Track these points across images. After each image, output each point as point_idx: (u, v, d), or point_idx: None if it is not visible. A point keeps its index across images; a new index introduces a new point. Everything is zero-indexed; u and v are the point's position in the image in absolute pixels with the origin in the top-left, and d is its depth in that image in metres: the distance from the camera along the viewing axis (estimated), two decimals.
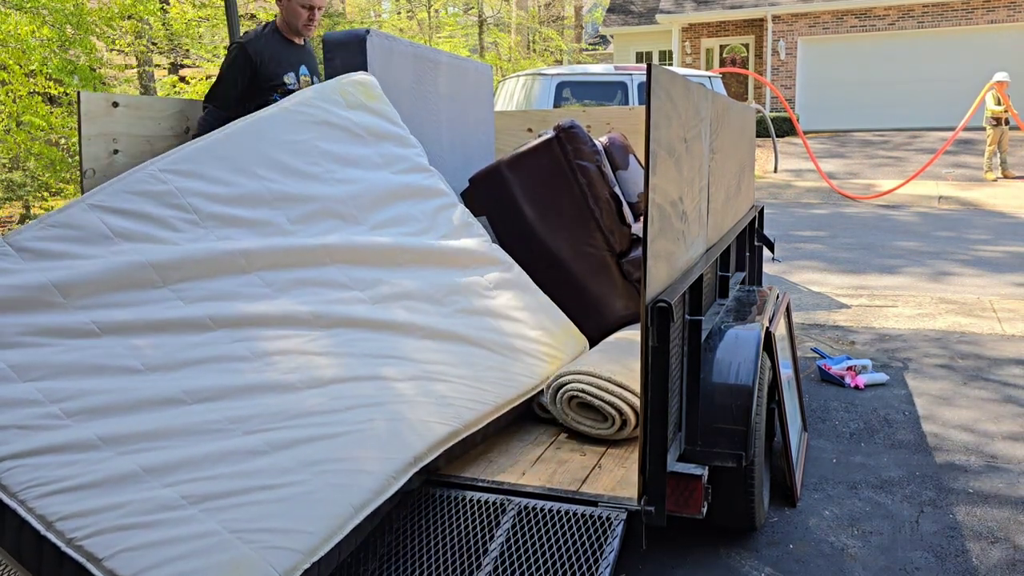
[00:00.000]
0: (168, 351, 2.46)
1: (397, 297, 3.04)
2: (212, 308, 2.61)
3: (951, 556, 2.96)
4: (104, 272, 2.49)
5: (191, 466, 2.22)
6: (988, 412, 4.35)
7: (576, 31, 28.10)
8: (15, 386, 2.21)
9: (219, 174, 2.89)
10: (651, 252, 2.25)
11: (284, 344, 2.65)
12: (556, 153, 3.74)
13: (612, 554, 2.26)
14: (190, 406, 2.37)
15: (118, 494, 2.12)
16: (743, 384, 2.78)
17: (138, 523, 2.08)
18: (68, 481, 2.09)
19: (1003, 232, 9.93)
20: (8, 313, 2.32)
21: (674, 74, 2.46)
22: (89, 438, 2.18)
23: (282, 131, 3.13)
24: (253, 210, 2.90)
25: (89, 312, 2.43)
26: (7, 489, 2.04)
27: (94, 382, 2.30)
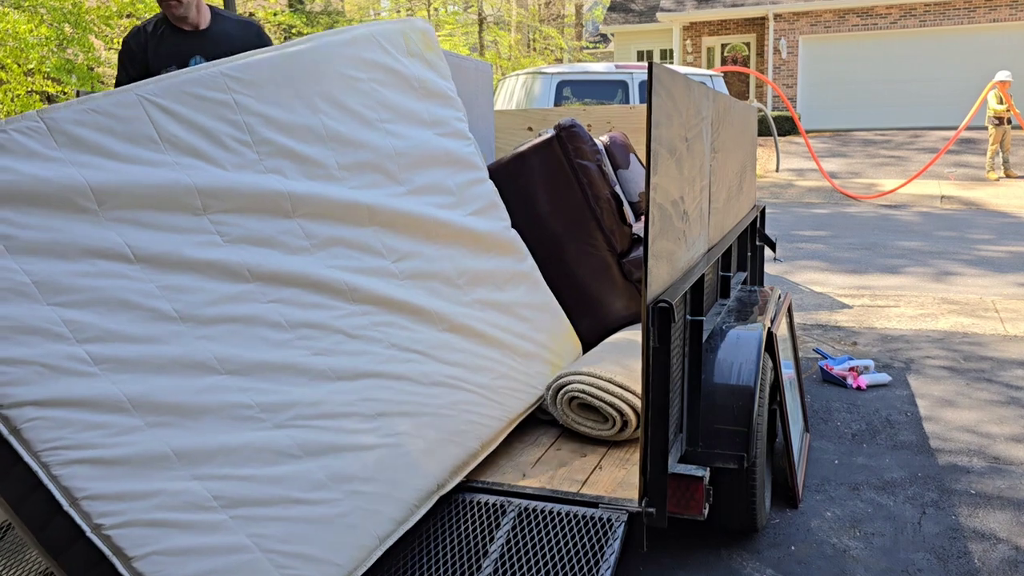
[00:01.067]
0: (202, 299, 2.23)
1: (424, 276, 2.90)
2: (250, 255, 2.39)
3: (953, 557, 2.95)
4: (145, 184, 2.19)
5: (222, 458, 2.07)
6: (991, 413, 4.33)
7: (576, 29, 28.09)
8: (38, 308, 1.93)
9: (280, 95, 2.61)
10: (652, 252, 2.24)
11: (317, 316, 2.49)
12: (556, 152, 3.73)
13: (613, 556, 2.24)
14: (222, 377, 2.19)
15: (149, 479, 1.95)
16: (745, 385, 2.76)
17: (170, 521, 1.92)
18: (97, 450, 1.90)
19: (1005, 232, 9.91)
20: (33, 209, 1.98)
21: (675, 73, 2.44)
22: (118, 397, 1.98)
23: (344, 64, 2.84)
24: (307, 145, 2.65)
25: (123, 229, 2.14)
26: (29, 446, 1.83)
27: (124, 322, 2.06)
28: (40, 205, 2.00)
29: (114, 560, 1.84)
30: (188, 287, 2.22)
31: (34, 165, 2.01)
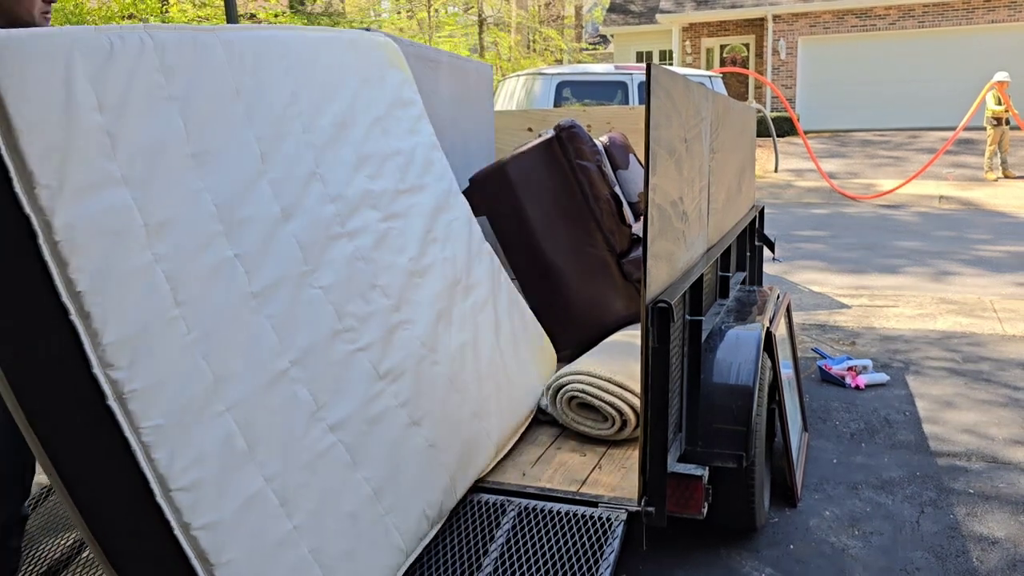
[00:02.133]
0: (269, 274, 2.14)
1: (434, 275, 2.88)
2: (301, 228, 2.31)
3: (952, 556, 2.96)
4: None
5: (283, 456, 1.97)
6: (989, 413, 4.34)
7: (576, 30, 28.10)
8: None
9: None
10: (651, 252, 2.25)
11: (361, 308, 2.44)
12: (556, 153, 3.74)
13: (612, 555, 2.26)
14: (283, 362, 2.08)
15: (228, 469, 1.83)
16: (744, 384, 2.78)
17: (244, 523, 1.82)
18: (182, 416, 1.78)
19: (1004, 232, 9.93)
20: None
21: (674, 74, 2.46)
22: (196, 359, 1.86)
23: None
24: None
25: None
26: (131, 418, 1.71)
27: (202, 254, 1.97)
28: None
29: (197, 566, 1.73)
30: (253, 253, 2.14)
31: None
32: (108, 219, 1.78)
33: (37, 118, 1.68)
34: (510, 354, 3.10)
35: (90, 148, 1.78)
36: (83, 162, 1.75)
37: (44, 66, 1.73)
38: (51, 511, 2.83)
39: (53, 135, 1.71)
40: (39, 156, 1.67)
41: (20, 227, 1.65)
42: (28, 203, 1.64)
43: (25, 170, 1.64)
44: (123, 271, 1.78)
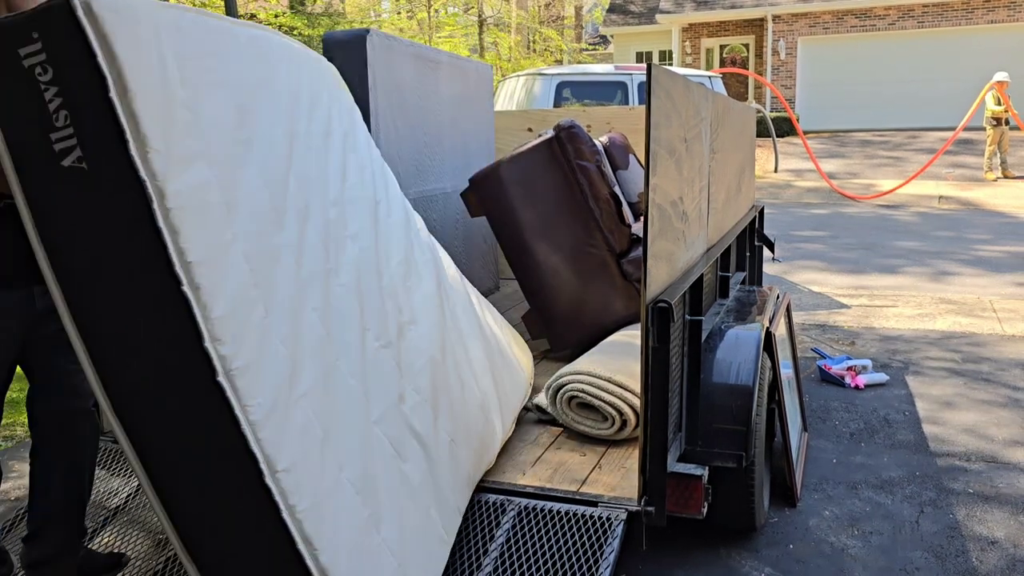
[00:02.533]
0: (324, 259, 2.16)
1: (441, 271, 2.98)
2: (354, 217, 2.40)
3: (951, 556, 2.96)
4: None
5: (347, 445, 1.94)
6: (988, 412, 4.35)
7: (576, 31, 28.10)
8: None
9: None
10: (651, 252, 2.25)
11: (383, 304, 2.46)
12: (556, 153, 3.74)
13: (612, 554, 2.26)
14: (332, 354, 2.06)
15: (312, 454, 1.80)
16: (743, 384, 2.78)
17: (333, 507, 1.79)
18: (276, 397, 1.74)
19: (1003, 232, 9.93)
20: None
21: (674, 74, 2.46)
22: (276, 343, 1.83)
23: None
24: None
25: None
26: (239, 395, 1.66)
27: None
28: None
29: (304, 552, 1.69)
30: (293, 244, 2.13)
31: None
32: (201, 192, 1.74)
33: (146, 83, 1.65)
34: (495, 349, 3.13)
35: (180, 121, 1.74)
36: (178, 133, 1.72)
37: (147, 33, 1.71)
38: None
39: (158, 102, 1.68)
40: (150, 120, 1.62)
41: (135, 191, 1.59)
42: (143, 167, 1.59)
43: (139, 133, 1.60)
44: (218, 246, 1.74)
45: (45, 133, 1.56)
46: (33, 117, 1.57)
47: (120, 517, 2.76)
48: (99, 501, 2.83)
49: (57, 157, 1.58)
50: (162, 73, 1.72)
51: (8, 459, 4.11)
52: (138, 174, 1.59)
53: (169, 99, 1.72)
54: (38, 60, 1.56)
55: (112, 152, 1.57)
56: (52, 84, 1.55)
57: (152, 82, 1.67)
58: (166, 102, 1.71)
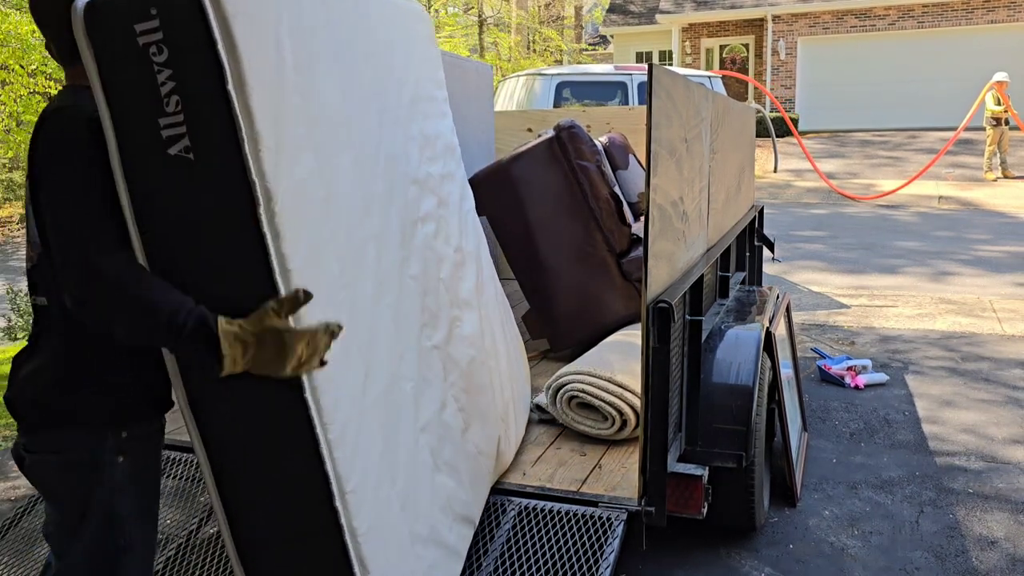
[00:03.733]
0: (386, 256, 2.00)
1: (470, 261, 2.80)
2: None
3: (951, 556, 2.96)
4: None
5: (397, 458, 1.89)
6: (988, 413, 4.35)
7: (576, 31, 28.10)
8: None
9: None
10: (652, 252, 2.25)
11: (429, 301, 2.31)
12: (556, 153, 3.74)
13: (612, 554, 2.26)
14: (396, 357, 1.97)
15: (372, 471, 1.74)
16: (743, 384, 2.78)
17: (385, 527, 1.74)
18: (350, 411, 1.67)
19: (1003, 232, 9.93)
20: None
21: (675, 74, 2.46)
22: (352, 351, 1.75)
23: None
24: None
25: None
26: (321, 412, 1.57)
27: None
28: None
29: (357, 571, 1.64)
30: (377, 235, 2.00)
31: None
32: (304, 188, 1.64)
33: (263, 75, 1.54)
34: (515, 353, 3.08)
35: (291, 109, 1.63)
36: (289, 124, 1.62)
37: (269, 15, 1.59)
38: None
39: (272, 94, 1.57)
40: (264, 115, 1.52)
41: (243, 191, 1.49)
42: (254, 166, 1.49)
43: (253, 130, 1.50)
44: (316, 247, 1.64)
45: (154, 117, 1.46)
46: (143, 98, 1.46)
47: None
48: None
49: (164, 144, 1.47)
50: (278, 60, 1.61)
51: (8, 459, 4.11)
52: (248, 174, 1.49)
53: (282, 87, 1.61)
54: (154, 39, 1.44)
55: (223, 147, 1.48)
56: (166, 67, 1.45)
57: (268, 73, 1.57)
58: (279, 91, 1.60)
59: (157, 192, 1.49)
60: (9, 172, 14.84)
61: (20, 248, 12.83)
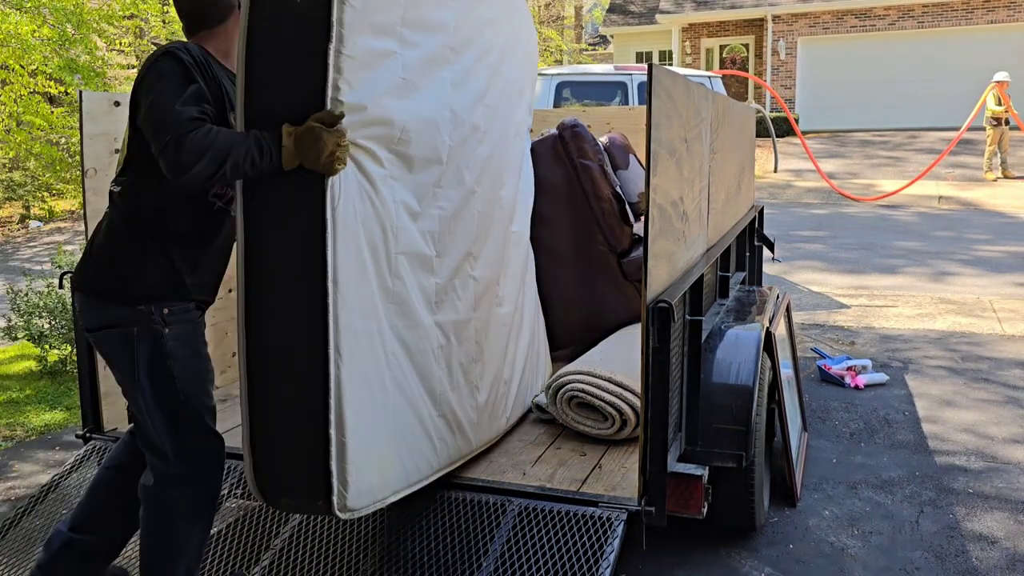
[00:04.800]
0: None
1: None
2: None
3: (951, 556, 2.96)
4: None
5: (403, 317, 2.28)
6: (988, 412, 4.35)
7: (576, 31, 28.09)
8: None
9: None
10: (652, 252, 2.25)
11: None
12: (559, 152, 3.74)
13: (612, 554, 2.26)
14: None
15: (365, 301, 2.12)
16: (743, 384, 2.78)
17: (366, 366, 2.10)
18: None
19: (1003, 232, 9.93)
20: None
21: (675, 74, 2.46)
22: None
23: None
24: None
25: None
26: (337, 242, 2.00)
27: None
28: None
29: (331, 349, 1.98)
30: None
31: None
32: (380, 60, 2.09)
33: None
34: (537, 341, 3.31)
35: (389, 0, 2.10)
36: (381, 6, 2.06)
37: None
38: (51, 512, 2.83)
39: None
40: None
41: (322, 29, 1.91)
42: (336, 12, 1.90)
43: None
44: (376, 102, 2.07)
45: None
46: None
47: None
48: None
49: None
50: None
51: (8, 459, 4.11)
52: (330, 15, 1.91)
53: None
54: None
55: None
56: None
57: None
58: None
59: (265, 20, 1.94)
60: (9, 172, 14.83)
61: (20, 248, 12.84)
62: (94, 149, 3.02)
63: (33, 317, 5.31)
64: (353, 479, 2.03)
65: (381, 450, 2.16)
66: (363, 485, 2.07)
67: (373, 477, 2.12)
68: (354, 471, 2.03)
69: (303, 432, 2.00)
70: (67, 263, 5.55)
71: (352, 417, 2.02)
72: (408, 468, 2.30)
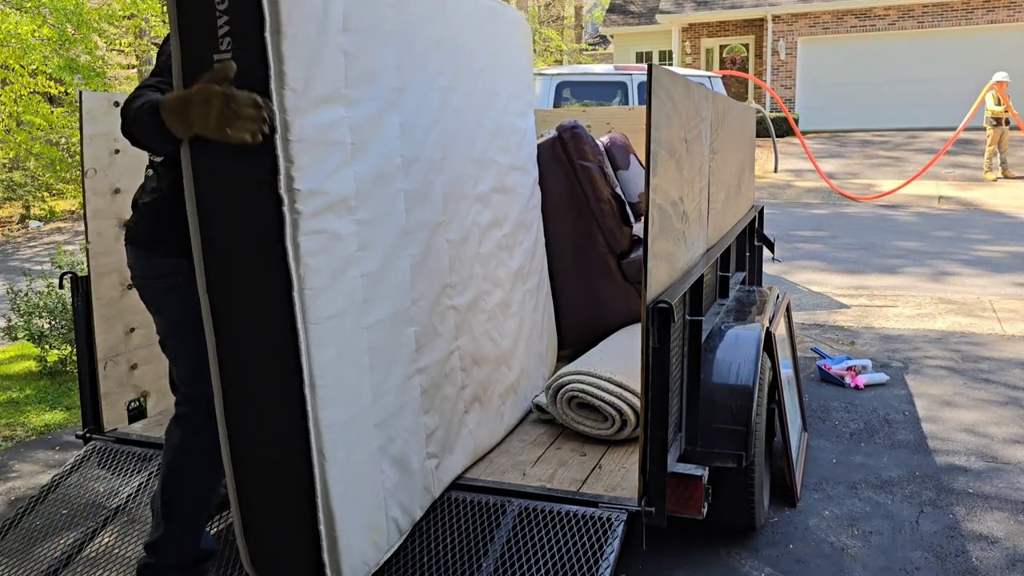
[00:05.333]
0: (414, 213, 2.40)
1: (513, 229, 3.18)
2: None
3: (951, 556, 2.96)
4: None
5: (386, 379, 2.26)
6: (988, 412, 4.35)
7: (576, 31, 28.10)
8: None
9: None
10: (652, 253, 2.25)
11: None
12: (559, 153, 3.74)
13: (612, 555, 2.26)
14: (407, 300, 2.36)
15: (352, 380, 2.10)
16: (743, 384, 2.78)
17: (350, 432, 2.07)
18: (341, 320, 2.06)
19: (1003, 232, 9.93)
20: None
21: (675, 74, 2.46)
22: (355, 276, 2.11)
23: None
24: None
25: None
26: (306, 313, 1.93)
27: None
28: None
29: (310, 421, 1.94)
30: (414, 193, 2.42)
31: None
32: (329, 131, 2.00)
33: (300, 27, 1.89)
34: (535, 346, 3.29)
35: (330, 64, 2.00)
36: (323, 75, 1.98)
37: None
38: (51, 512, 2.83)
39: (309, 45, 1.92)
40: (295, 61, 1.87)
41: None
42: (276, 100, 1.84)
43: (281, 71, 1.84)
44: (330, 180, 2.00)
45: (211, 52, 1.83)
46: (206, 36, 1.83)
47: (120, 517, 2.76)
48: (99, 501, 2.83)
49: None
50: (323, 19, 1.97)
51: (8, 459, 4.11)
52: (270, 105, 1.85)
53: (323, 43, 1.97)
54: None
55: (255, 82, 1.82)
56: (226, 13, 1.81)
57: (308, 27, 1.91)
58: (318, 46, 1.95)
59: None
60: (9, 172, 14.83)
61: (20, 248, 12.84)
62: (94, 149, 3.02)
63: (33, 317, 5.31)
64: (347, 565, 2.04)
65: (372, 524, 2.15)
66: (357, 563, 2.08)
67: (368, 552, 2.12)
68: (347, 557, 2.03)
69: (294, 528, 2.00)
70: (67, 263, 5.55)
71: (340, 510, 2.01)
72: (402, 522, 2.30)
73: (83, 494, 2.85)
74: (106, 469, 2.97)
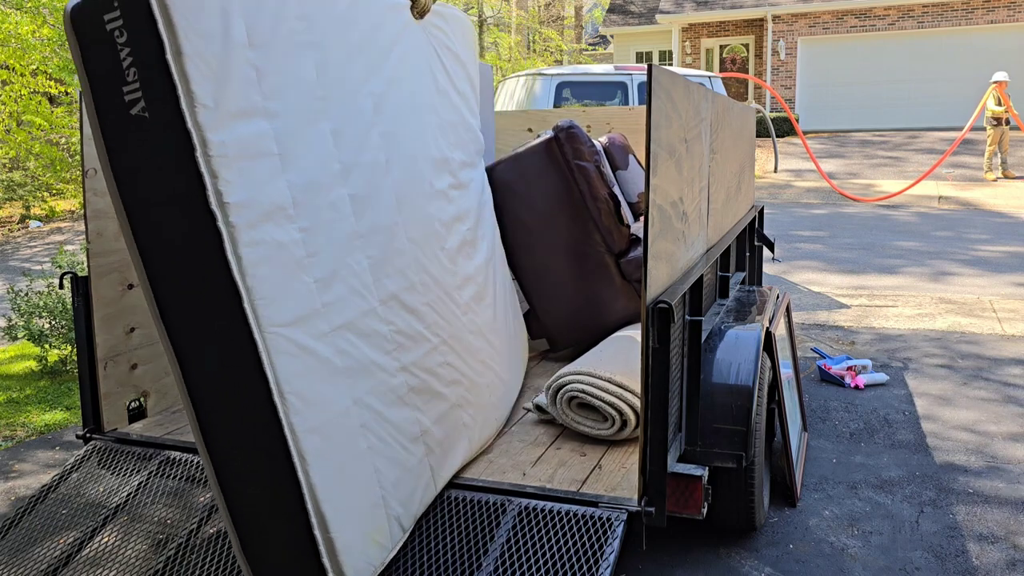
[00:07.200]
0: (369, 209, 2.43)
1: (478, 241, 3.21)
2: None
3: (951, 556, 2.97)
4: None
5: (367, 381, 2.26)
6: (988, 412, 4.35)
7: (576, 31, 28.09)
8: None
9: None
10: (652, 253, 2.25)
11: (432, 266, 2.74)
12: (555, 153, 3.74)
13: (612, 554, 2.26)
14: (374, 300, 2.37)
15: (327, 384, 2.11)
16: (743, 384, 2.78)
17: (335, 433, 2.09)
18: (295, 327, 2.07)
19: (1003, 232, 9.93)
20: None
21: (675, 74, 2.46)
22: (308, 281, 2.12)
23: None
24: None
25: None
26: (260, 320, 1.93)
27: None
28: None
29: (296, 462, 1.97)
30: (362, 196, 2.43)
31: None
32: (253, 143, 2.02)
33: (202, 46, 1.92)
34: (516, 342, 3.28)
35: (240, 79, 2.02)
36: (235, 90, 2.00)
37: (212, 2, 1.99)
38: (51, 512, 2.83)
39: (214, 63, 1.95)
40: (201, 79, 1.91)
41: (183, 139, 1.91)
42: (190, 119, 1.88)
43: (189, 90, 1.89)
44: (262, 191, 2.02)
45: (119, 86, 1.89)
46: (111, 72, 1.89)
47: (120, 516, 2.76)
48: (99, 501, 2.83)
49: (127, 106, 1.92)
50: (225, 37, 1.99)
51: (8, 459, 4.11)
52: (185, 124, 1.88)
53: (229, 60, 1.99)
54: (117, 25, 1.89)
55: (166, 105, 1.88)
56: (126, 45, 1.87)
57: (210, 45, 1.94)
58: (225, 62, 1.97)
59: (125, 146, 1.94)
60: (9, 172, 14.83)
61: (20, 248, 12.83)
62: (94, 149, 3.02)
63: (33, 317, 5.31)
64: (349, 567, 2.05)
65: (371, 523, 2.16)
66: (360, 564, 2.08)
67: (370, 551, 2.13)
68: (347, 559, 2.04)
69: (290, 536, 2.01)
70: (67, 263, 5.55)
71: (332, 512, 2.02)
72: (404, 520, 2.31)
73: (83, 494, 2.86)
74: (106, 469, 2.98)
